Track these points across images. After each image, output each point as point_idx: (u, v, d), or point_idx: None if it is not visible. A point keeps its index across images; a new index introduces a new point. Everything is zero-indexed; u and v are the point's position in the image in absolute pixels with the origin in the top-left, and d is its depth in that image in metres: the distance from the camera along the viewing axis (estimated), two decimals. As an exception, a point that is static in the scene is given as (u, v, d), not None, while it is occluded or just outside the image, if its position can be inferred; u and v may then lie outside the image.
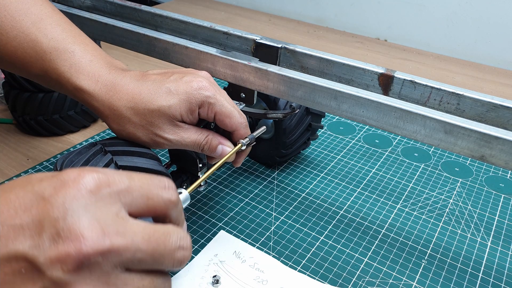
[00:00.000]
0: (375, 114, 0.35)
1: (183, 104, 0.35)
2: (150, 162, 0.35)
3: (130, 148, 0.36)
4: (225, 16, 1.16)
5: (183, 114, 0.35)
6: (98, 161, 0.34)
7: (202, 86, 0.35)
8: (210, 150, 0.37)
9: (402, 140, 0.66)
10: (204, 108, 0.36)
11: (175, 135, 0.36)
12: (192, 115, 0.36)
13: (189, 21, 0.47)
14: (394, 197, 0.54)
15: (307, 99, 0.38)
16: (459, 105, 0.36)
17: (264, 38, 0.44)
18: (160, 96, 0.35)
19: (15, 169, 0.56)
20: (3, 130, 0.63)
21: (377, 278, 0.43)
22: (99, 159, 0.35)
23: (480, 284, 0.43)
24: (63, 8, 0.52)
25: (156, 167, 0.35)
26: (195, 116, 0.36)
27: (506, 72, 0.92)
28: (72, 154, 0.37)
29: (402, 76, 0.38)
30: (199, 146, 0.37)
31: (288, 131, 0.51)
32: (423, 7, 0.98)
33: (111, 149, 0.35)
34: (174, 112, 0.35)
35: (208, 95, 0.35)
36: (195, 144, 0.37)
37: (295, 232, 0.48)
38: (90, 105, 0.36)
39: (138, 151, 0.36)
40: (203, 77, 0.36)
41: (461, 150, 0.33)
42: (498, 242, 0.48)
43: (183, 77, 0.36)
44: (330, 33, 1.09)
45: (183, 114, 0.35)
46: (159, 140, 0.36)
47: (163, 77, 0.36)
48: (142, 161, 0.35)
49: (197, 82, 0.36)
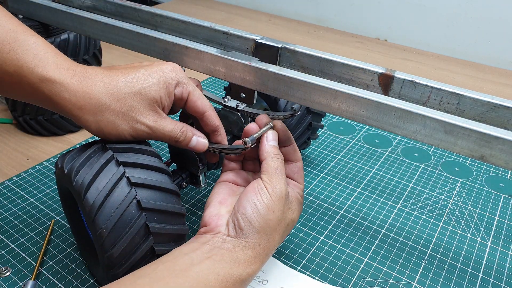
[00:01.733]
0: (375, 114, 0.35)
1: (161, 85, 0.36)
2: (151, 159, 0.36)
3: (130, 145, 0.36)
4: (225, 16, 1.16)
5: (162, 96, 0.36)
6: (99, 157, 0.34)
7: (174, 68, 0.37)
8: (186, 140, 0.38)
9: (402, 140, 0.66)
10: (179, 88, 0.37)
11: (154, 122, 0.36)
12: (169, 98, 0.37)
13: (189, 21, 0.47)
14: (394, 197, 0.54)
15: (307, 99, 0.38)
16: (459, 105, 0.36)
17: (264, 38, 0.44)
18: (139, 79, 0.35)
19: (15, 169, 0.56)
20: (3, 130, 0.63)
21: (377, 278, 0.43)
22: (100, 156, 0.35)
23: (480, 284, 0.43)
24: (63, 8, 0.52)
25: (157, 164, 0.36)
26: (171, 99, 0.37)
27: (506, 72, 0.92)
28: (73, 151, 0.37)
29: (402, 76, 0.37)
30: (175, 136, 0.37)
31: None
32: (423, 7, 0.98)
33: (112, 146, 0.35)
34: (155, 94, 0.35)
35: (181, 76, 0.38)
36: (172, 134, 0.37)
37: (295, 232, 0.48)
38: (60, 96, 0.34)
39: (139, 148, 0.36)
40: (172, 63, 0.38)
41: (461, 150, 0.33)
42: (498, 242, 0.48)
43: (154, 64, 0.37)
44: (330, 33, 1.09)
45: (162, 96, 0.36)
46: (139, 128, 0.36)
47: (134, 66, 0.37)
48: (143, 158, 0.35)
49: (168, 65, 0.37)
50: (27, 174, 0.54)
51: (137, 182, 0.33)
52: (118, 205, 0.33)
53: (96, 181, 0.33)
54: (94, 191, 0.33)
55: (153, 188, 0.34)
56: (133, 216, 0.33)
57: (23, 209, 0.49)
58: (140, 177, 0.34)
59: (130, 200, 0.33)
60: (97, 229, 0.32)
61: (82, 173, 0.34)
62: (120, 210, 0.33)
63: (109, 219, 0.32)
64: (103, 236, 0.32)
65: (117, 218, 0.32)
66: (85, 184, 0.33)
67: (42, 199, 0.51)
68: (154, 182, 0.34)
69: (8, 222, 0.47)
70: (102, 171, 0.34)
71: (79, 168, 0.34)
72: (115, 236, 0.32)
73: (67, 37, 0.58)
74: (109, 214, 0.32)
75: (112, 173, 0.33)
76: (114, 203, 0.33)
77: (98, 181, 0.33)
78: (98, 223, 0.32)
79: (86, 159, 0.35)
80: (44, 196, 0.51)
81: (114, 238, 0.32)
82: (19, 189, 0.52)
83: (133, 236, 0.33)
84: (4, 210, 0.49)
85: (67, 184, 0.36)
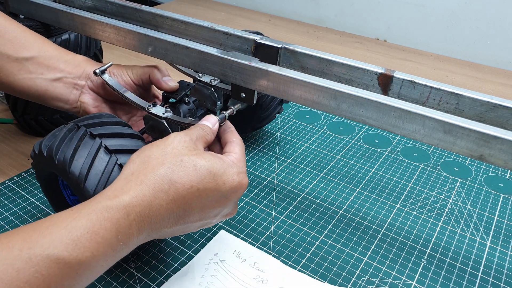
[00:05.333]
0: (375, 114, 0.35)
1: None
2: (123, 128, 0.39)
3: (101, 119, 0.39)
4: (225, 17, 1.16)
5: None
6: (74, 134, 0.37)
7: None
8: None
9: (401, 140, 0.66)
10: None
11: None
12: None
13: (190, 22, 0.47)
14: (394, 196, 0.54)
15: (307, 99, 0.38)
16: (458, 104, 0.36)
17: (264, 38, 0.44)
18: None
19: (15, 169, 0.56)
20: (4, 130, 0.64)
21: (377, 278, 0.43)
22: (74, 133, 0.37)
23: (479, 283, 0.43)
24: (64, 8, 0.52)
25: (129, 131, 0.39)
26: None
27: (505, 72, 0.92)
28: (46, 137, 0.38)
29: (401, 76, 0.38)
30: None
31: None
32: (422, 7, 0.98)
33: (83, 123, 0.38)
34: None
35: None
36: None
37: (295, 231, 0.48)
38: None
39: (109, 121, 0.39)
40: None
41: (460, 149, 0.33)
42: (497, 241, 0.48)
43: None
44: (329, 33, 1.09)
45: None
46: None
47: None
48: (115, 128, 0.38)
49: None
50: (28, 174, 0.55)
51: (115, 149, 0.36)
52: (103, 171, 0.35)
53: (77, 154, 0.35)
54: (77, 163, 0.35)
55: (130, 152, 0.36)
56: None
57: (24, 208, 0.49)
58: (117, 144, 0.37)
59: (113, 165, 0.36)
60: (87, 196, 0.34)
61: (62, 150, 0.36)
62: (106, 175, 0.35)
63: (97, 185, 0.34)
64: None
65: (104, 183, 0.35)
66: (68, 158, 0.35)
67: (42, 199, 0.51)
68: (131, 146, 0.37)
69: (9, 222, 0.47)
70: (81, 145, 0.36)
71: (58, 147, 0.36)
72: None
73: (68, 37, 0.58)
74: (95, 180, 0.35)
75: (90, 145, 0.36)
76: (98, 171, 0.35)
77: (79, 154, 0.35)
78: (88, 190, 0.34)
79: (62, 139, 0.37)
80: (45, 196, 0.51)
81: None
82: (20, 189, 0.52)
83: None
84: (5, 210, 0.49)
85: (47, 167, 0.38)
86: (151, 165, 0.32)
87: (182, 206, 0.33)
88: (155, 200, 0.31)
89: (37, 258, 0.26)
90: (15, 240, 0.27)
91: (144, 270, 0.43)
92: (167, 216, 0.32)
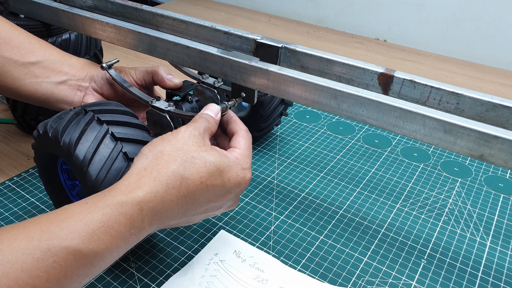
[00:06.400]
0: (375, 114, 0.35)
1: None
2: (130, 118, 0.39)
3: (109, 106, 0.39)
4: (225, 17, 1.16)
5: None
6: (81, 118, 0.37)
7: None
8: None
9: (401, 140, 0.66)
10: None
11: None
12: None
13: (190, 21, 0.47)
14: (394, 196, 0.54)
15: (307, 99, 0.38)
16: (459, 104, 0.36)
17: (264, 38, 0.44)
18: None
19: (15, 169, 0.56)
20: (4, 130, 0.64)
21: (377, 278, 0.43)
22: (82, 117, 0.37)
23: (479, 283, 0.43)
24: (65, 7, 0.52)
25: (136, 121, 0.39)
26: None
27: (505, 72, 0.92)
28: (52, 119, 0.38)
29: (402, 76, 0.38)
30: None
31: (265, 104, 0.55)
32: (422, 7, 0.98)
33: (92, 109, 0.38)
34: None
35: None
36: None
37: (295, 231, 0.48)
38: None
39: (117, 109, 0.39)
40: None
41: (460, 149, 0.33)
42: (497, 241, 0.48)
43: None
44: (329, 33, 1.09)
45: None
46: None
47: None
48: (123, 117, 0.39)
49: None
50: (28, 174, 0.55)
51: (121, 137, 0.37)
52: (107, 157, 0.35)
53: (83, 138, 0.36)
54: (82, 147, 0.35)
55: (136, 142, 0.37)
56: (122, 167, 0.36)
57: (24, 209, 0.49)
58: (124, 133, 0.37)
59: (117, 153, 0.36)
60: (89, 181, 0.35)
61: (68, 132, 0.36)
62: (109, 162, 0.35)
63: (101, 170, 0.35)
64: (95, 188, 0.35)
65: (107, 170, 0.35)
66: (73, 141, 0.35)
67: (42, 199, 0.51)
68: (137, 136, 0.38)
69: (9, 222, 0.47)
70: (87, 129, 0.36)
71: (64, 129, 0.36)
72: (107, 186, 0.34)
73: (68, 36, 0.58)
74: (99, 166, 0.35)
75: (97, 131, 0.36)
76: (102, 156, 0.35)
77: (85, 138, 0.36)
78: (91, 175, 0.35)
79: (68, 121, 0.37)
80: (45, 196, 0.51)
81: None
82: (20, 189, 0.52)
83: None
84: (5, 210, 0.49)
85: (51, 147, 0.38)
86: (164, 161, 0.34)
87: (190, 201, 0.34)
88: (167, 196, 0.33)
89: (55, 249, 0.27)
90: (34, 230, 0.28)
91: (144, 270, 0.43)
92: (177, 211, 0.34)
